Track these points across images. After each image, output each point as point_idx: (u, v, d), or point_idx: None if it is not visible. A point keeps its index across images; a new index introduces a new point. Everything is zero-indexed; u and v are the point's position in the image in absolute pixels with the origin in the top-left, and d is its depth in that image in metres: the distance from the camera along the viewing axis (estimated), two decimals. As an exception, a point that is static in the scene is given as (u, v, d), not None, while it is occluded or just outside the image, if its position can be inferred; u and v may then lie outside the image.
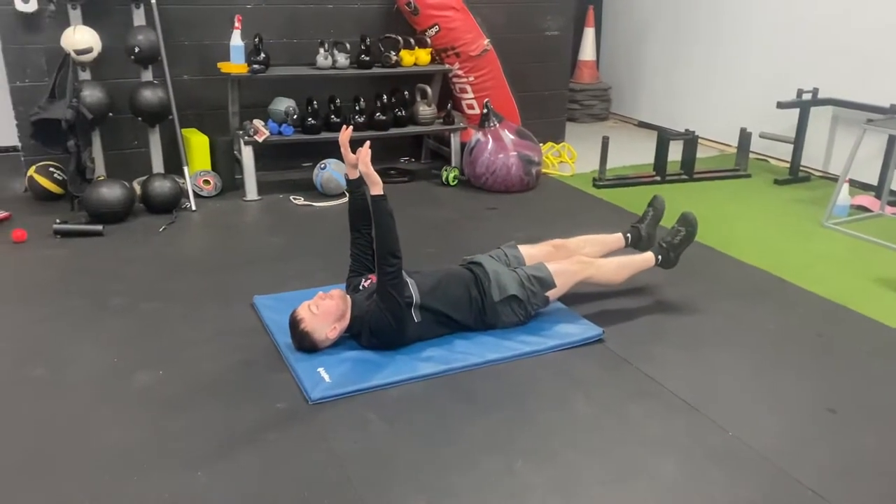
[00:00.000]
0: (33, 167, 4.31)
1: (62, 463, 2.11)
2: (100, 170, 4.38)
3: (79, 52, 4.06)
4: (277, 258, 3.64)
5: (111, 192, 4.00)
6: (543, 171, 5.11)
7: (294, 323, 2.64)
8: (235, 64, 4.39)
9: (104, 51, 4.21)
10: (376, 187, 2.56)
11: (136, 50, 4.18)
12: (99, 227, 3.83)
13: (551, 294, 2.91)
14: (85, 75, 4.25)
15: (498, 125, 4.68)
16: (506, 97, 5.15)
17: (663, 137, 4.90)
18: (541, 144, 5.47)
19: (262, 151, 4.95)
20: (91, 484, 2.02)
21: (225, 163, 4.58)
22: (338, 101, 4.57)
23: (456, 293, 2.80)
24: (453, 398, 2.47)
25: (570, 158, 5.40)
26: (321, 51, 4.59)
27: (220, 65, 4.44)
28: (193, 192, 4.40)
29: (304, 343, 2.64)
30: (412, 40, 4.80)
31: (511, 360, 2.70)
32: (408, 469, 2.12)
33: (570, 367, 2.67)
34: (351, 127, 2.82)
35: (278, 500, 1.98)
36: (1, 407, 2.38)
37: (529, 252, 3.10)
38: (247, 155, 4.41)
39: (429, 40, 4.85)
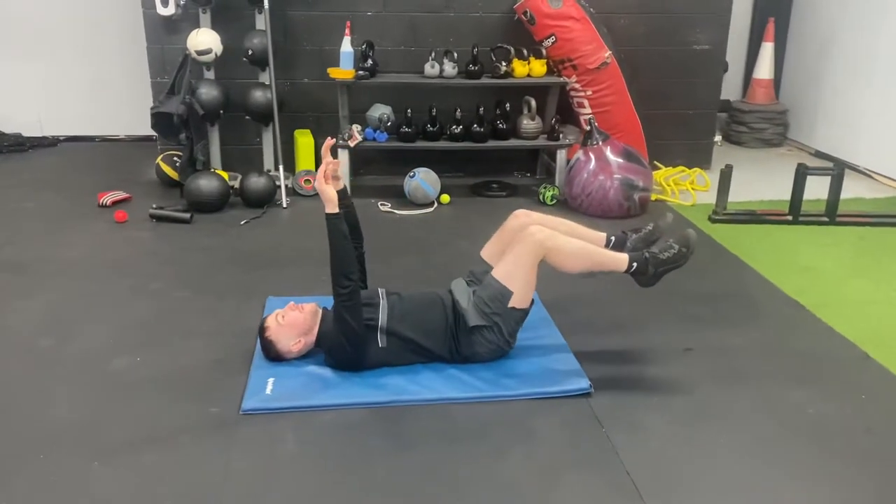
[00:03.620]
0: (161, 155, 4.75)
1: (-1, 429, 2.30)
2: (216, 163, 4.74)
3: (199, 53, 4.40)
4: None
5: (208, 184, 4.29)
6: (660, 197, 4.66)
7: (260, 330, 2.65)
8: (344, 69, 4.50)
9: (230, 52, 4.52)
10: (329, 205, 2.48)
11: (250, 52, 4.44)
12: (186, 215, 4.12)
13: (516, 301, 2.57)
14: (209, 74, 4.61)
15: (601, 143, 4.34)
16: (628, 114, 4.76)
17: (801, 171, 4.22)
18: (668, 167, 5.03)
19: (372, 156, 5.07)
20: (5, 454, 2.17)
21: (328, 164, 4.71)
22: (434, 110, 4.51)
23: (431, 320, 2.63)
24: (383, 432, 2.32)
25: (699, 185, 4.87)
26: (430, 59, 4.56)
27: (329, 70, 4.57)
28: (294, 190, 4.60)
29: (269, 352, 2.64)
30: (525, 51, 4.61)
31: (471, 400, 2.48)
32: (286, 500, 2.02)
33: (531, 419, 2.39)
34: (333, 139, 2.75)
35: (140, 504, 1.99)
36: (-6, 369, 2.65)
37: (492, 253, 2.81)
38: (342, 159, 4.50)
39: (544, 51, 4.62)
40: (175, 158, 4.69)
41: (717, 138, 6.06)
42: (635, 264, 2.61)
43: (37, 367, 2.65)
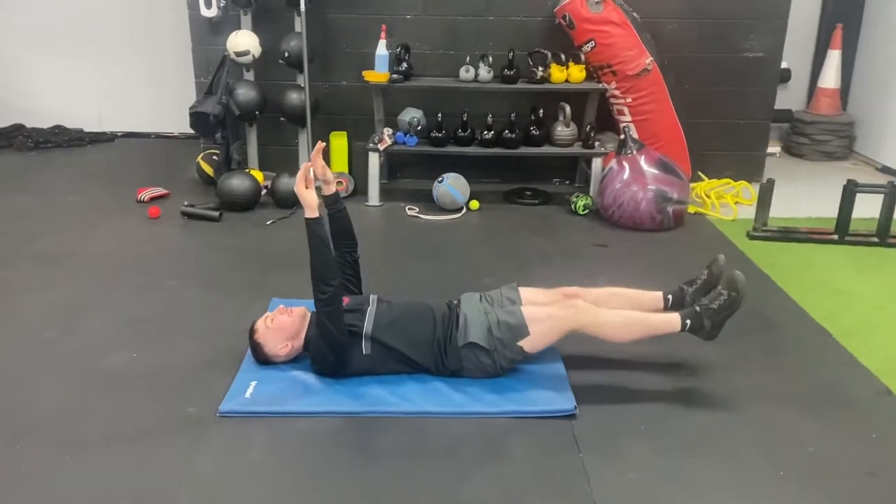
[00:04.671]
0: (201, 154, 4.86)
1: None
2: (253, 163, 4.82)
3: (238, 54, 4.48)
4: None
5: (240, 184, 4.36)
6: (700, 211, 4.46)
7: (250, 333, 2.65)
8: (378, 72, 4.49)
9: (269, 54, 4.59)
10: (308, 210, 2.46)
11: (286, 54, 4.49)
12: (215, 214, 4.20)
13: (526, 344, 2.51)
14: (248, 76, 4.68)
15: (635, 152, 4.18)
16: (670, 123, 4.58)
17: (849, 188, 3.97)
18: (713, 179, 4.81)
19: (408, 160, 5.05)
20: (-15, 442, 2.25)
21: (361, 166, 4.72)
22: (465, 115, 4.45)
23: (417, 331, 2.57)
24: (352, 444, 2.29)
25: (744, 199, 4.64)
26: (466, 63, 4.51)
27: (364, 73, 4.57)
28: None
29: (258, 354, 2.64)
30: (563, 55, 4.49)
31: (449, 416, 2.41)
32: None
33: (506, 439, 2.31)
34: (323, 143, 2.72)
35: None
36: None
37: (533, 297, 2.72)
38: (372, 161, 4.50)
39: (582, 56, 4.50)
40: (215, 157, 4.79)
41: (776, 150, 5.79)
42: (689, 321, 2.53)
43: (35, 357, 2.74)
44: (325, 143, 2.74)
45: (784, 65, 5.56)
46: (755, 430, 2.39)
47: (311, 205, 2.47)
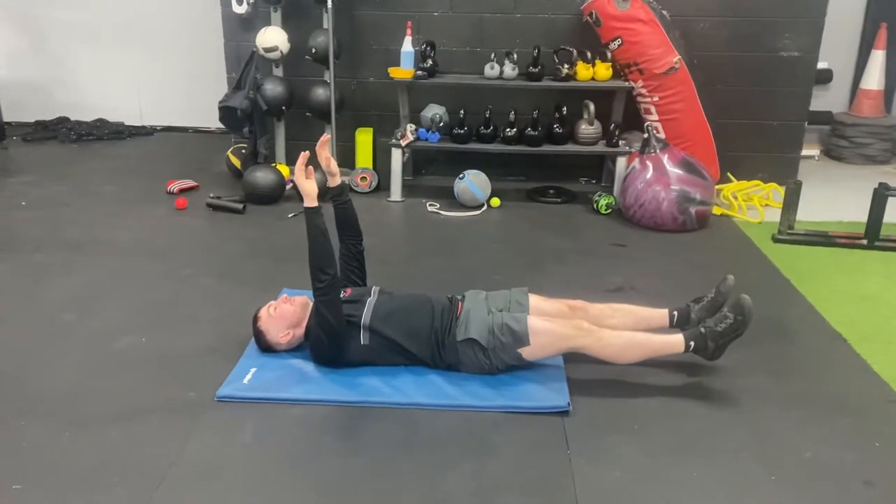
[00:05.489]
0: (231, 147, 4.96)
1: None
2: (280, 157, 4.89)
3: (266, 50, 4.56)
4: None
5: (265, 178, 4.44)
6: (726, 212, 4.38)
7: (253, 320, 2.71)
8: (404, 69, 4.52)
9: (298, 50, 4.66)
10: (307, 199, 2.50)
11: (313, 50, 4.55)
12: (239, 206, 4.28)
13: (525, 352, 2.51)
14: (277, 71, 4.76)
15: (658, 152, 4.12)
16: (698, 123, 4.50)
17: (879, 192, 3.84)
18: (743, 181, 4.71)
19: (434, 157, 5.07)
20: (-9, 416, 2.34)
21: (385, 162, 4.76)
22: (488, 112, 4.45)
23: (415, 323, 2.59)
24: (340, 433, 2.32)
25: (775, 202, 4.53)
26: (491, 60, 4.51)
27: (390, 69, 4.60)
28: (350, 186, 4.67)
29: (260, 341, 2.69)
30: (589, 53, 4.45)
31: (441, 408, 2.42)
32: (220, 491, 2.05)
33: (494, 434, 2.30)
34: (328, 135, 2.75)
35: (75, 487, 2.05)
36: (8, 332, 2.87)
37: (539, 305, 2.71)
38: (394, 157, 4.53)
39: (609, 54, 4.45)
40: (244, 151, 4.89)
41: (814, 153, 5.64)
42: (692, 343, 2.53)
43: (51, 339, 2.84)
44: (329, 136, 2.78)
45: (825, 65, 5.42)
46: (752, 433, 2.34)
47: (311, 194, 2.51)
